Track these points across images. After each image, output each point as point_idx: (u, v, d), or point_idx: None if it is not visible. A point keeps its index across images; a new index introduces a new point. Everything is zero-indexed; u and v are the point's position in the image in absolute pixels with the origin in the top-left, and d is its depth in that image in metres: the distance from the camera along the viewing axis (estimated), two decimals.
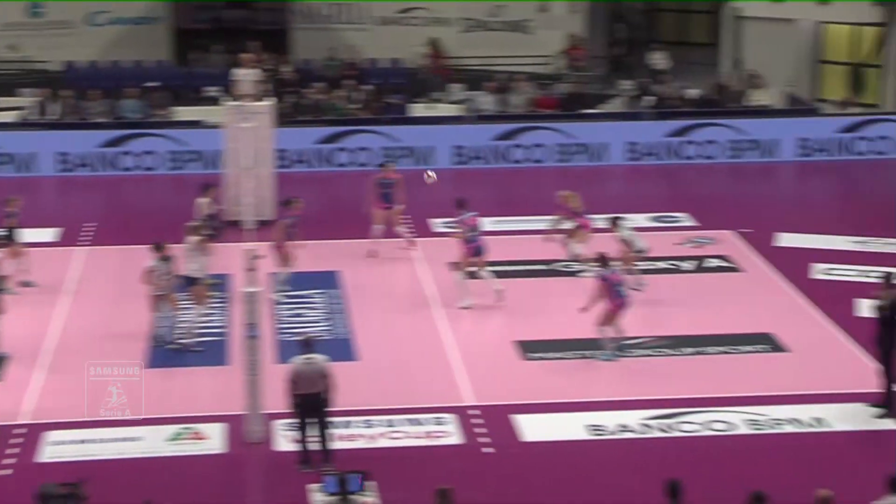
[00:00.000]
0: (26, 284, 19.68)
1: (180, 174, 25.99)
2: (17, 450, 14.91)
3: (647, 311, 19.22)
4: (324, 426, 14.47)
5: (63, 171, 26.26)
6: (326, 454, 14.48)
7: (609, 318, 17.37)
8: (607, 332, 17.45)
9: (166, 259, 17.68)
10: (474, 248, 19.14)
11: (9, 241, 19.85)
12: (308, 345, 14.54)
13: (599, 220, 20.97)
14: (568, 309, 19.37)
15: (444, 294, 19.69)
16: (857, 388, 16.47)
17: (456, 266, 19.50)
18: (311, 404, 14.34)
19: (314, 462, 14.37)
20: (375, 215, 21.54)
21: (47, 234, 22.17)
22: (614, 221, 20.12)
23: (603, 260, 17.56)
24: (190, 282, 18.11)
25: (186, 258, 18.11)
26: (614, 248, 19.54)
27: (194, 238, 18.21)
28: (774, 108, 29.21)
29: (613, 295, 17.28)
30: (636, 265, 19.81)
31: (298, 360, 14.40)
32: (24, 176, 25.98)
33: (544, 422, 15.79)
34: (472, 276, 19.32)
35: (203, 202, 19.99)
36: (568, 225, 20.85)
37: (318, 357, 14.45)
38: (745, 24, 31.69)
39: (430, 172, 20.72)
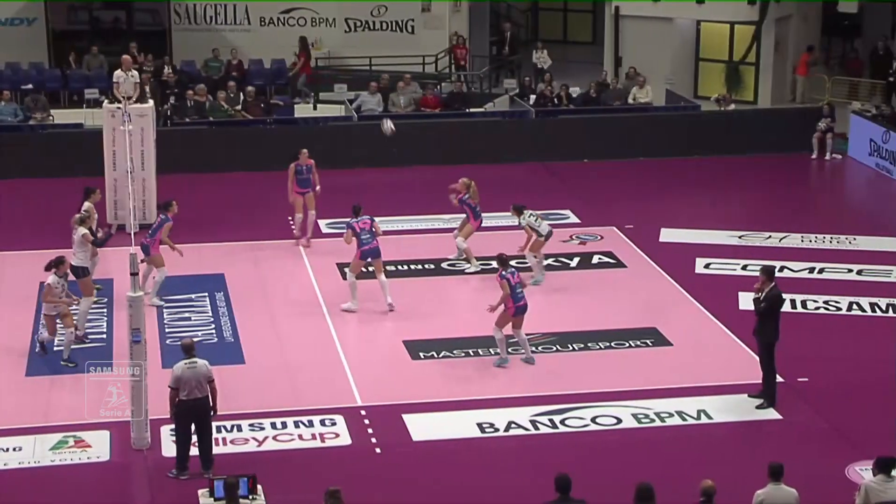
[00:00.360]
0: None
1: (60, 178, 25.47)
2: None
3: (533, 307, 19.35)
4: (205, 432, 14.30)
5: None
6: (208, 460, 14.32)
7: (504, 321, 17.33)
8: (500, 336, 17.36)
9: (65, 275, 17.36)
10: (366, 252, 19.06)
11: None
12: (189, 349, 14.34)
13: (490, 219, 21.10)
14: (456, 307, 19.52)
15: (333, 296, 19.63)
16: (739, 379, 16.80)
17: (347, 268, 19.41)
18: (194, 409, 14.17)
19: (190, 468, 14.20)
20: (295, 202, 21.82)
21: None
22: (517, 210, 20.26)
23: (502, 260, 17.52)
24: (78, 273, 17.96)
25: (74, 250, 18.12)
26: (521, 238, 19.81)
27: (80, 230, 18.17)
28: (655, 106, 29.63)
29: (511, 297, 17.23)
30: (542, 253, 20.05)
31: (181, 364, 14.21)
32: None
33: (434, 421, 15.83)
34: (358, 278, 19.27)
35: (88, 207, 19.56)
36: (461, 216, 20.95)
37: (200, 361, 14.28)
38: (625, 22, 32.11)
39: (388, 123, 20.89)
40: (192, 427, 14.22)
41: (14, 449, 14.86)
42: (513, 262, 17.96)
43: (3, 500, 13.73)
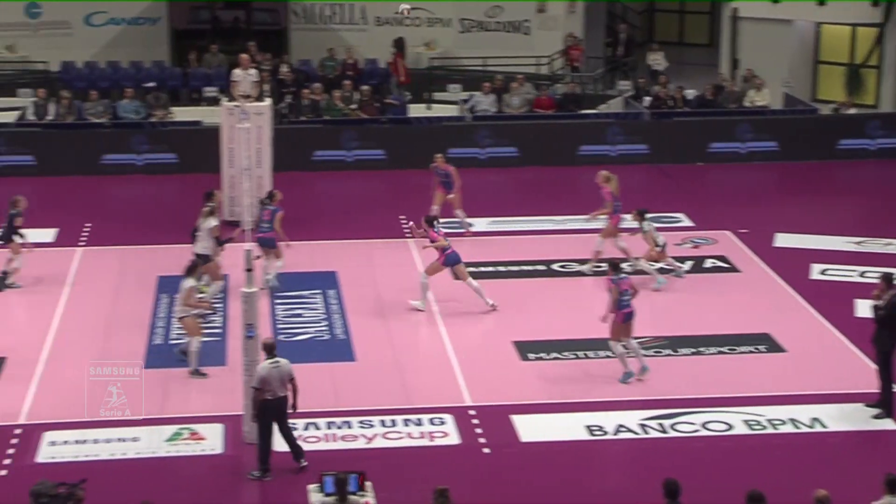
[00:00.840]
0: (9, 285, 19.76)
1: (178, 175, 25.95)
2: (13, 451, 14.90)
3: (645, 311, 19.23)
4: (287, 429, 14.46)
5: (65, 172, 26.17)
6: (298, 450, 14.53)
7: (618, 332, 16.94)
8: (619, 350, 16.98)
9: (200, 277, 17.77)
10: (449, 257, 19.11)
11: (11, 239, 19.88)
12: (271, 348, 14.47)
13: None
14: (566, 309, 19.45)
15: (443, 295, 19.69)
16: (855, 388, 16.49)
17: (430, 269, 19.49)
18: (277, 408, 14.31)
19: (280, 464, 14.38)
20: (437, 196, 22.38)
21: (46, 234, 22.11)
22: (639, 214, 20.17)
23: (614, 265, 17.28)
24: (203, 260, 18.60)
25: (199, 239, 18.98)
26: (639, 244, 19.72)
27: (209, 221, 19.04)
28: (772, 109, 29.19)
29: (617, 304, 16.95)
30: (657, 262, 20.06)
31: (265, 365, 14.30)
32: (25, 177, 25.93)
33: (543, 422, 15.81)
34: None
35: (205, 211, 19.79)
36: (604, 213, 20.87)
37: (282, 360, 14.41)
38: (743, 24, 31.69)
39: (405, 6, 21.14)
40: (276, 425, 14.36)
41: (132, 439, 15.18)
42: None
43: (120, 489, 14.02)
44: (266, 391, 14.18)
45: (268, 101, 23.33)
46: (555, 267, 21.17)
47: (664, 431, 15.55)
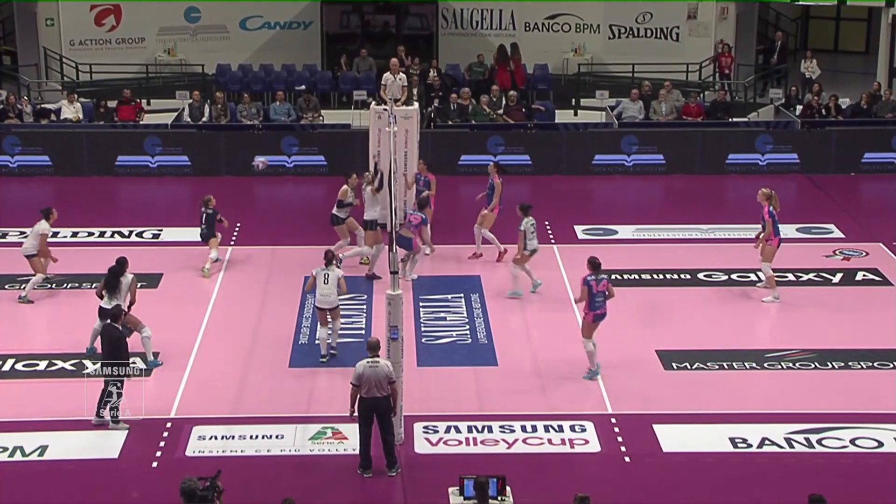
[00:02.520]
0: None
1: (328, 177, 26.33)
2: (164, 443, 15.30)
3: (793, 323, 18.90)
4: (387, 431, 14.53)
5: (218, 173, 26.79)
6: (391, 459, 14.58)
7: (589, 330, 16.97)
8: (589, 348, 16.97)
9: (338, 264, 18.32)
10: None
11: (213, 235, 20.91)
12: (374, 348, 14.60)
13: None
14: (710, 319, 19.20)
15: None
16: None
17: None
18: (375, 408, 14.41)
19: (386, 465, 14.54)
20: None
21: (194, 233, 22.62)
22: (522, 210, 19.78)
23: (594, 265, 17.07)
24: (368, 225, 20.21)
25: (366, 205, 20.55)
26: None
27: (371, 187, 20.49)
28: None
29: (589, 304, 16.88)
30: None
31: (363, 363, 14.46)
32: (181, 177, 26.61)
33: (685, 432, 15.63)
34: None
35: (345, 190, 20.79)
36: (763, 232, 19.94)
37: (382, 361, 14.51)
38: None
39: (259, 159, 20.99)
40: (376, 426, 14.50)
41: (277, 436, 15.45)
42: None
43: (263, 484, 14.29)
44: (362, 388, 14.34)
45: (416, 106, 23.52)
46: (700, 276, 20.91)
47: (810, 446, 15.23)
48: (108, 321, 15.77)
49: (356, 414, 14.51)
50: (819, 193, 26.00)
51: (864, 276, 21.04)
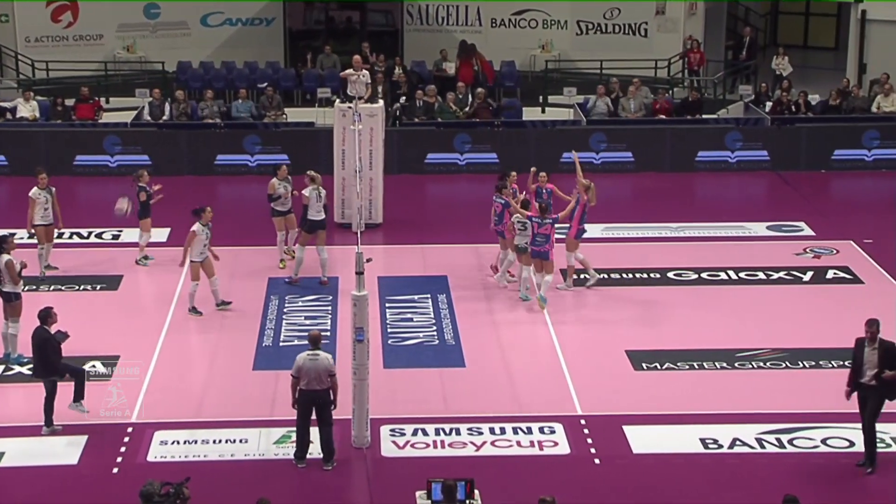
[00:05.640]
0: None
1: (290, 176, 26.22)
2: (125, 449, 15.21)
3: (763, 322, 19.00)
4: (325, 424, 14.68)
5: (179, 172, 26.67)
6: (327, 453, 14.73)
7: (527, 260, 19.16)
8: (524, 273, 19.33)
9: (208, 224, 19.04)
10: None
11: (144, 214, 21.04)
12: (315, 341, 14.74)
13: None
14: (680, 319, 19.28)
15: (557, 302, 19.65)
16: None
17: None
18: (314, 401, 14.57)
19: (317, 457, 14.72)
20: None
21: (160, 234, 22.51)
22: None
23: (542, 209, 19.07)
24: (309, 226, 20.18)
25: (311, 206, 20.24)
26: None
27: (314, 180, 20.28)
28: None
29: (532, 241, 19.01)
30: None
31: (303, 355, 14.63)
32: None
33: (655, 433, 15.69)
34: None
35: (273, 183, 21.01)
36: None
37: (322, 354, 14.64)
38: (872, 27, 31.09)
39: (122, 203, 20.81)
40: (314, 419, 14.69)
41: (241, 441, 15.40)
42: None
43: (227, 490, 14.24)
44: (301, 381, 14.52)
45: (380, 103, 23.50)
46: (670, 275, 21.00)
47: (782, 446, 15.32)
48: (39, 324, 15.60)
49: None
50: (789, 191, 26.16)
51: (835, 274, 21.17)
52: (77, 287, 20.33)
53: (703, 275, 20.91)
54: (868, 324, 14.76)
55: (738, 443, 15.40)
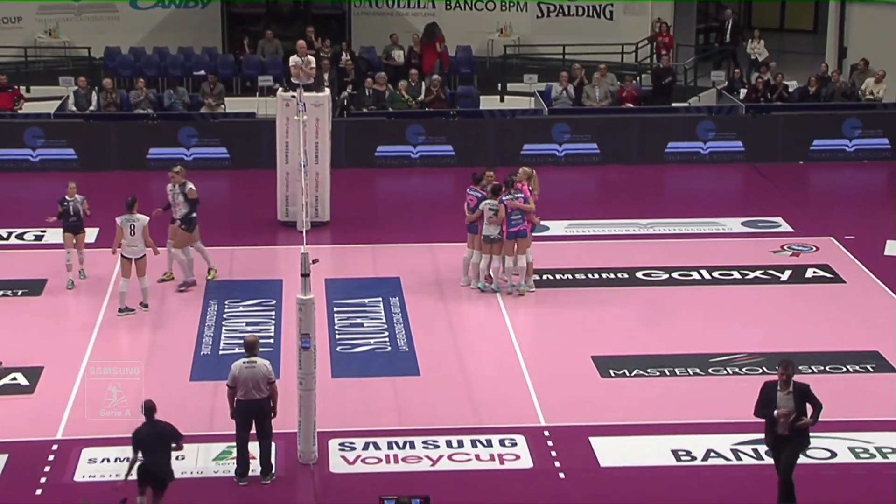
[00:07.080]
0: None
1: (231, 171, 26.18)
2: (49, 468, 15.11)
3: (739, 325, 19.13)
4: (264, 436, 14.68)
5: (108, 167, 26.52)
6: (266, 467, 14.72)
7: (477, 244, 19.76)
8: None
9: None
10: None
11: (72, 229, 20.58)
12: (251, 347, 14.73)
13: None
14: (650, 322, 19.39)
15: (516, 305, 19.71)
16: None
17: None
18: (252, 411, 14.56)
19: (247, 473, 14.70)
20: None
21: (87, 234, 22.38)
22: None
23: (508, 183, 19.61)
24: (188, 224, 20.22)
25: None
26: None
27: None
28: (884, 103, 28.87)
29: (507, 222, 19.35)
30: None
31: (239, 363, 14.61)
32: (66, 172, 26.30)
33: (624, 445, 15.76)
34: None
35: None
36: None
37: (259, 361, 14.63)
38: (853, 9, 31.40)
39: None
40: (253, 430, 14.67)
41: (178, 457, 15.24)
42: None
43: None
44: (238, 391, 14.51)
45: (327, 92, 23.48)
46: (639, 275, 21.11)
47: (759, 458, 15.42)
48: None
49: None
50: (765, 184, 26.37)
51: (814, 273, 21.36)
52: None
53: (674, 274, 21.03)
54: (783, 365, 13.98)
55: (712, 454, 15.50)
